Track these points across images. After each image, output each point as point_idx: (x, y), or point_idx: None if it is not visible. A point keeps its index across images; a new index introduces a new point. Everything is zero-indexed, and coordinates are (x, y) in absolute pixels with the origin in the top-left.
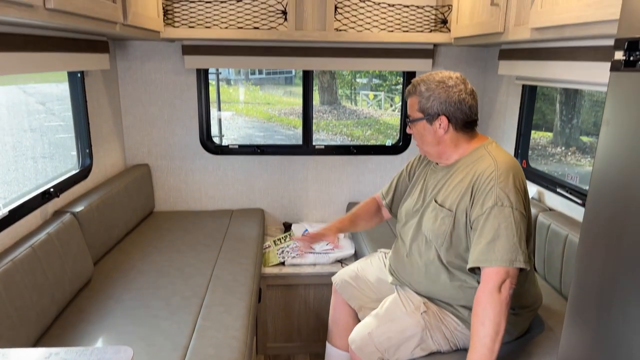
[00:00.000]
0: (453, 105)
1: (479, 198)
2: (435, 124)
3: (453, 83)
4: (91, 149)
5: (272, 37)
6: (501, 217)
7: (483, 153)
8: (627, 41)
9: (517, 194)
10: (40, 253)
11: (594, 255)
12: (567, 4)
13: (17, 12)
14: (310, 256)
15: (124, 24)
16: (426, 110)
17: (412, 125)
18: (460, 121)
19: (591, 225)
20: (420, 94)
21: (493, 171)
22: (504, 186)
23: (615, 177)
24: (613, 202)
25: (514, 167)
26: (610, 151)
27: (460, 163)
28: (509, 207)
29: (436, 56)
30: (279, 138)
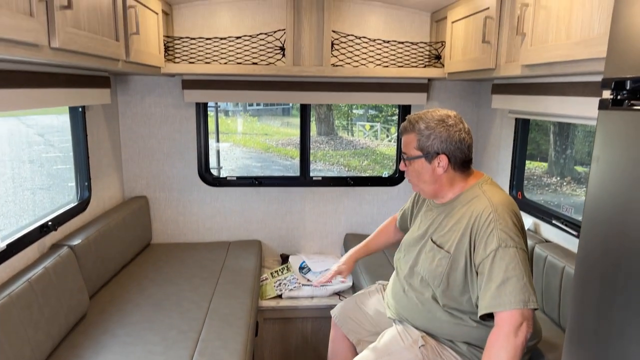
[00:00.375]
0: (454, 145)
1: (480, 241)
2: (434, 162)
3: (453, 122)
4: (90, 181)
5: (271, 72)
6: (507, 259)
7: (478, 192)
8: (614, 81)
9: (518, 233)
10: (37, 288)
11: (590, 288)
12: (556, 42)
13: (24, 51)
14: (308, 289)
15: (126, 61)
16: (425, 148)
17: (409, 163)
18: (459, 160)
19: (585, 259)
20: (420, 132)
21: (491, 212)
22: (504, 227)
23: (607, 211)
24: (606, 235)
25: (510, 206)
26: (601, 187)
27: (456, 202)
28: (513, 247)
29: (431, 90)
30: (276, 168)
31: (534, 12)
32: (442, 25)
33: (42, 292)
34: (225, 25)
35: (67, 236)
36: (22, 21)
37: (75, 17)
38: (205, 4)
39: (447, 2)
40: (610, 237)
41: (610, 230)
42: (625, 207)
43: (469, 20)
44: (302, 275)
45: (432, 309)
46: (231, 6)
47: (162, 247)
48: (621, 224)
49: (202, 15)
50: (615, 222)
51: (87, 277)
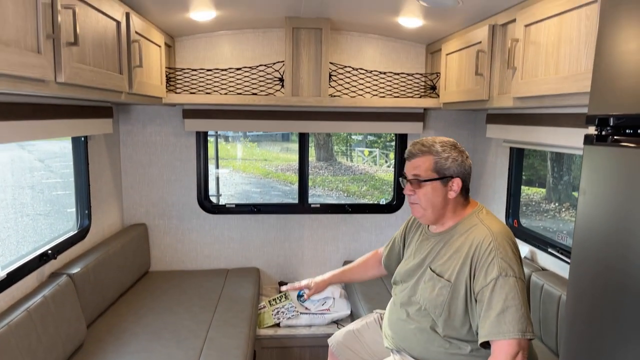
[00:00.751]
0: (466, 170)
1: (480, 269)
2: (449, 185)
3: (461, 149)
4: (90, 210)
5: (270, 102)
6: (507, 288)
7: (476, 221)
8: (597, 117)
9: (517, 263)
10: (36, 317)
11: (580, 317)
12: (545, 77)
13: (30, 87)
14: (306, 317)
15: (129, 92)
16: (442, 171)
17: (421, 186)
18: (467, 186)
19: (576, 287)
20: (437, 154)
21: (491, 241)
22: (504, 256)
23: (595, 243)
24: (594, 265)
25: (508, 235)
26: (588, 218)
27: (455, 230)
28: (513, 277)
29: (427, 119)
30: (275, 194)
31: (523, 47)
32: (436, 57)
33: (41, 321)
34: (225, 57)
35: (66, 264)
36: (30, 58)
37: (81, 53)
38: (206, 36)
39: (441, 35)
40: (598, 267)
41: (597, 261)
42: (612, 239)
43: (462, 53)
44: (300, 304)
45: (430, 338)
46: (231, 39)
47: (161, 275)
48: (608, 255)
49: (204, 48)
50: (602, 253)
51: (85, 306)
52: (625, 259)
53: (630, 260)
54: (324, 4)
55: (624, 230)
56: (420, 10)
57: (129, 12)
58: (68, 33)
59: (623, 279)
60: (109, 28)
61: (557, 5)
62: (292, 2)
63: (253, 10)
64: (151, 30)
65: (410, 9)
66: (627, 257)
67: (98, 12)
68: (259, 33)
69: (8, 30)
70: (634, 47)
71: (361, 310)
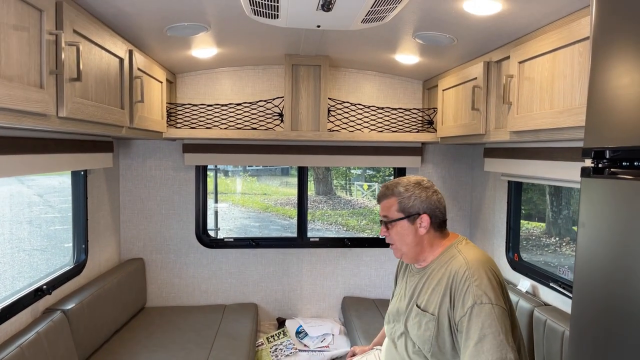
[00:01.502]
0: (432, 205)
1: (458, 299)
2: (417, 223)
3: (428, 185)
4: (87, 244)
5: (269, 137)
6: (483, 315)
7: (454, 252)
8: (593, 150)
9: (493, 289)
10: (28, 354)
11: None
12: (540, 112)
13: (32, 121)
14: (305, 355)
15: (130, 127)
16: (407, 209)
17: (392, 226)
18: (438, 220)
19: (578, 322)
20: (400, 194)
21: (466, 270)
22: (479, 283)
23: (596, 276)
24: (595, 299)
25: (486, 263)
26: (589, 251)
27: (435, 264)
28: (488, 304)
29: (425, 153)
30: (274, 228)
31: (518, 82)
32: (433, 93)
33: (33, 357)
34: (226, 92)
35: (61, 300)
36: (33, 93)
37: (84, 88)
38: (207, 73)
39: (437, 71)
40: (600, 301)
41: (599, 294)
42: (613, 272)
43: (459, 88)
44: (298, 340)
45: None
46: (232, 75)
47: (157, 311)
48: (609, 289)
49: (204, 84)
50: (604, 286)
51: (78, 343)
52: (627, 291)
53: (632, 293)
54: (323, 42)
55: (625, 262)
56: (417, 48)
57: (132, 50)
58: (71, 69)
59: (626, 312)
60: (112, 64)
61: (550, 42)
62: (291, 40)
63: (253, 48)
64: (153, 66)
65: (406, 46)
66: (629, 289)
67: (102, 49)
68: (259, 70)
69: (12, 65)
70: (627, 81)
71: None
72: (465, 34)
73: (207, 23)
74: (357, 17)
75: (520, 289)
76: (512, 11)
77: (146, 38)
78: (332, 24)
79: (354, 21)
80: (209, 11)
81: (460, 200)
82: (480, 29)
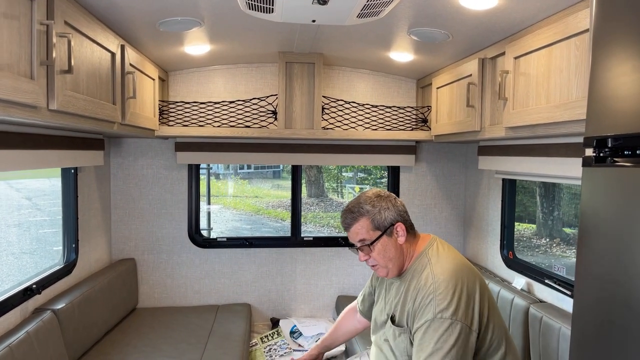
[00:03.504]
0: (400, 210)
1: (419, 311)
2: (394, 234)
3: (386, 195)
4: (77, 243)
5: (263, 134)
6: (440, 330)
7: (424, 261)
8: (595, 139)
9: (458, 304)
10: (18, 354)
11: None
12: (536, 106)
13: (21, 112)
14: (299, 354)
15: (121, 123)
16: (382, 224)
17: (373, 247)
18: (409, 224)
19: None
20: (369, 213)
21: (432, 284)
22: (443, 298)
23: (598, 267)
24: (598, 290)
25: (455, 274)
26: (591, 241)
27: (408, 273)
28: (448, 319)
29: (419, 152)
30: (266, 230)
31: (513, 78)
32: (427, 91)
33: (23, 357)
34: (219, 91)
35: (51, 300)
36: (23, 83)
37: (75, 81)
38: (200, 71)
39: (431, 69)
40: (603, 292)
41: (602, 285)
42: (615, 262)
43: (453, 86)
44: (293, 340)
45: None
46: (225, 73)
47: (148, 312)
48: (612, 279)
49: (197, 82)
50: (606, 275)
51: (68, 344)
52: (630, 280)
53: (636, 282)
54: (317, 40)
55: (628, 251)
56: (411, 45)
57: (124, 45)
58: (62, 61)
59: (629, 301)
60: (104, 59)
61: (546, 37)
62: (285, 37)
63: (247, 45)
64: (145, 63)
65: (401, 43)
66: (632, 277)
67: (93, 42)
68: (252, 68)
69: (1, 54)
70: (628, 69)
71: (356, 346)
72: (460, 30)
73: (201, 18)
74: (353, 12)
75: (515, 286)
76: (507, 6)
77: (138, 33)
78: (328, 18)
79: (350, 16)
80: (202, 5)
81: (454, 199)
82: (475, 25)
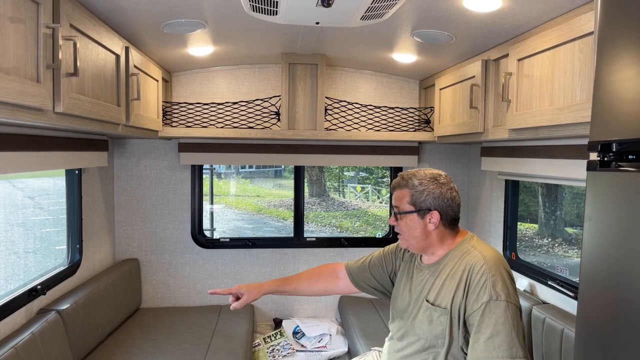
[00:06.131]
0: (445, 202)
1: (472, 292)
2: (426, 218)
3: (444, 181)
4: (82, 244)
5: (266, 135)
6: (498, 312)
7: (468, 247)
8: (599, 144)
9: (510, 288)
10: (23, 354)
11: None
12: (540, 108)
13: (28, 116)
14: (302, 355)
15: (126, 125)
16: (418, 204)
17: (401, 218)
18: (450, 218)
19: (585, 320)
20: (413, 187)
21: (483, 265)
22: (496, 280)
23: (602, 271)
24: (603, 295)
25: (501, 261)
26: (595, 246)
27: (447, 259)
28: (504, 301)
29: (421, 153)
30: (268, 230)
31: (517, 80)
32: (430, 92)
33: (28, 358)
34: (222, 92)
35: (55, 300)
36: (29, 87)
37: (80, 84)
38: (203, 72)
39: (434, 70)
40: (608, 297)
41: (607, 290)
42: (620, 267)
43: (456, 87)
44: (295, 341)
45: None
46: (228, 74)
47: (152, 312)
48: (617, 284)
49: (200, 83)
50: (610, 280)
51: (73, 344)
52: (636, 285)
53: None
54: (320, 41)
55: (633, 256)
56: (415, 47)
57: (128, 47)
58: (68, 64)
59: (635, 306)
60: (108, 61)
61: (549, 39)
62: (289, 39)
63: (250, 47)
64: (149, 64)
65: (404, 45)
66: (636, 281)
67: (98, 45)
68: (255, 69)
69: (8, 58)
70: (633, 73)
71: (359, 346)
72: (463, 32)
73: (205, 20)
74: (357, 14)
75: (518, 287)
76: (512, 8)
77: (142, 35)
78: (332, 20)
79: (354, 18)
80: (206, 7)
81: None
82: (479, 27)
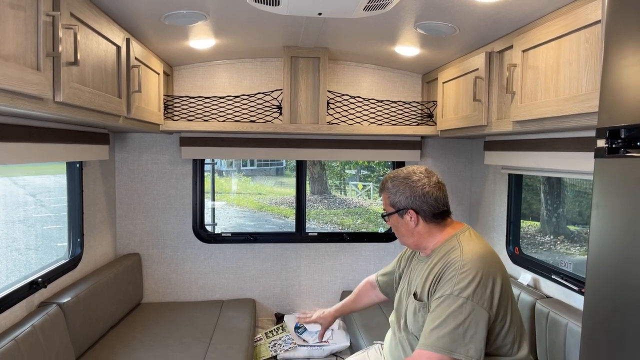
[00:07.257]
0: (418, 199)
1: (440, 285)
2: (406, 217)
3: (417, 178)
4: (83, 238)
5: (268, 129)
6: (453, 307)
7: (454, 244)
8: (608, 130)
9: (478, 285)
10: (24, 347)
11: (598, 342)
12: (545, 100)
13: (28, 104)
14: (304, 349)
15: (127, 117)
16: (396, 204)
17: (387, 219)
18: (429, 213)
19: (592, 310)
20: (389, 190)
21: (458, 262)
22: (464, 277)
23: (611, 256)
24: (611, 284)
25: (483, 258)
26: (603, 233)
27: (435, 253)
28: (463, 298)
29: (424, 147)
30: (269, 227)
31: (521, 71)
32: (432, 86)
33: (29, 351)
34: (223, 85)
35: (56, 294)
36: (29, 75)
37: (81, 74)
38: (204, 65)
39: (437, 64)
40: (616, 284)
41: (615, 278)
42: (628, 254)
43: (460, 80)
44: (297, 335)
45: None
46: (229, 68)
47: (153, 307)
48: (625, 271)
49: (202, 76)
50: (619, 268)
51: (74, 338)
52: None
53: None
54: (322, 34)
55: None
56: (417, 39)
57: (129, 38)
58: (68, 53)
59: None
60: (109, 52)
61: (555, 29)
62: (290, 31)
63: (252, 40)
64: (150, 57)
65: (407, 37)
66: None
67: (99, 35)
68: (257, 62)
69: (8, 45)
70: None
71: (361, 341)
72: (467, 24)
73: (206, 11)
74: (360, 4)
75: (521, 282)
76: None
77: (143, 26)
78: (334, 11)
79: (357, 8)
80: None
81: (460, 195)
82: (483, 18)
